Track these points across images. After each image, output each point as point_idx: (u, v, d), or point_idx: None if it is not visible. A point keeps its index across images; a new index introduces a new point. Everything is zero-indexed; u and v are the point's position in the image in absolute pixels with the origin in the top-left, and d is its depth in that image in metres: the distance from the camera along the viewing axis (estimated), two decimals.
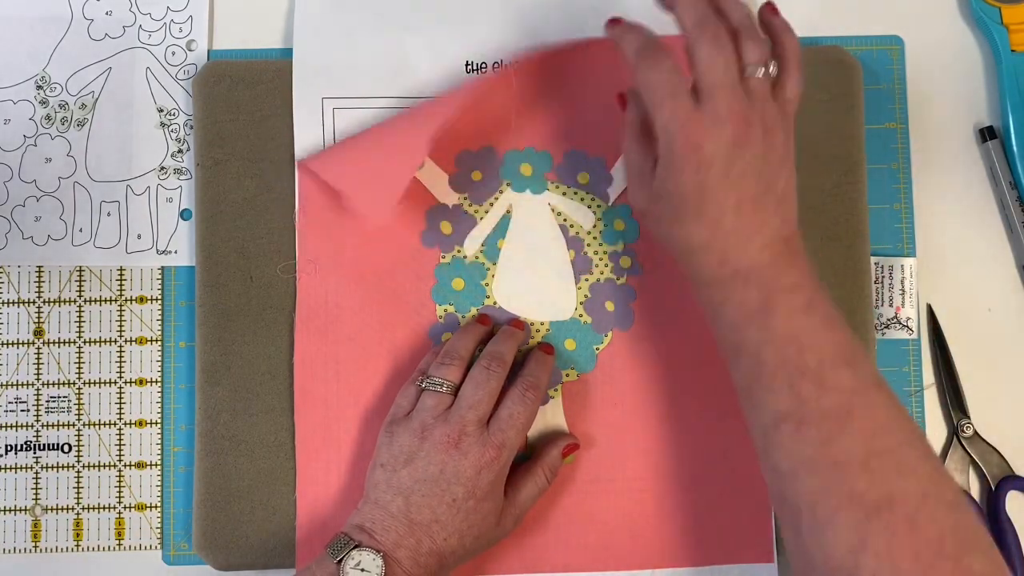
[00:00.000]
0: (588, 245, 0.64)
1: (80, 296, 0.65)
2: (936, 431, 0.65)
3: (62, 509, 0.64)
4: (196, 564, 0.63)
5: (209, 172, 0.64)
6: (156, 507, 0.64)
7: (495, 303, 0.63)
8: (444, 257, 0.63)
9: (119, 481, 0.64)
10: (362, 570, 0.53)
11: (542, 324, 0.63)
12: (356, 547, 0.54)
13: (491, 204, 0.64)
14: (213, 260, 0.63)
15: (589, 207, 0.64)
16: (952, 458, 0.64)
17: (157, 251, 0.65)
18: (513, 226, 0.64)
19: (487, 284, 0.63)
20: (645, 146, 0.54)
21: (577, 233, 0.64)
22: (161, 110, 0.65)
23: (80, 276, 0.65)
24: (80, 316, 0.65)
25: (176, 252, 0.65)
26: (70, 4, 0.66)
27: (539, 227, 0.64)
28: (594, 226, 0.64)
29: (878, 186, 0.66)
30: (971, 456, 0.64)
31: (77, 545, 0.64)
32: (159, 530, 0.64)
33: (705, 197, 0.50)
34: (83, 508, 0.64)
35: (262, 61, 0.65)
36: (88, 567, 0.63)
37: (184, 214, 0.65)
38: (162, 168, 0.65)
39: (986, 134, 0.66)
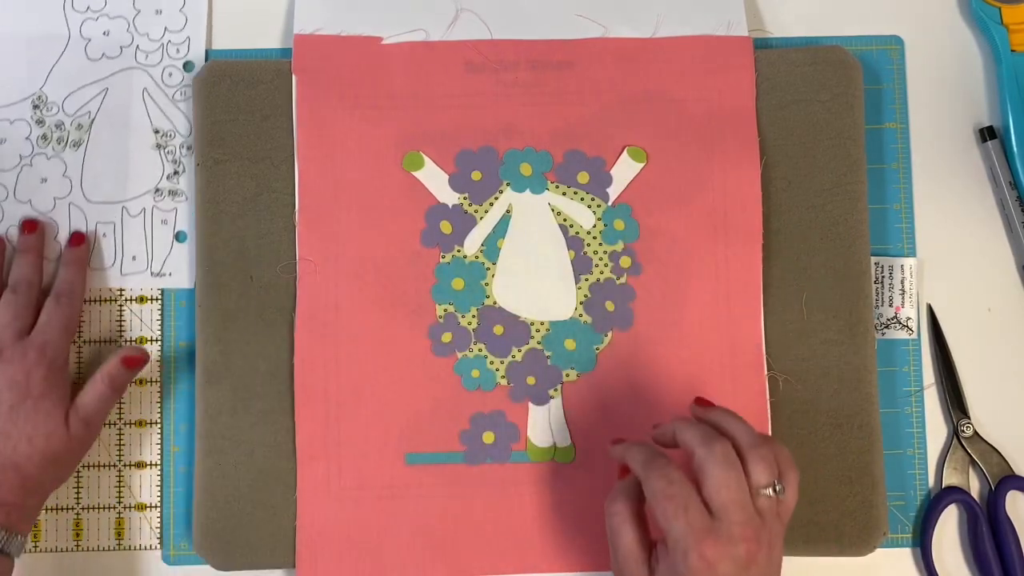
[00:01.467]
0: (588, 245, 0.64)
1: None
2: (936, 431, 0.65)
3: (62, 509, 0.64)
4: (196, 564, 0.63)
5: (209, 172, 0.64)
6: (156, 507, 0.64)
7: (495, 303, 0.63)
8: (444, 257, 0.63)
9: (119, 481, 0.64)
10: None
11: (542, 324, 0.63)
12: None
13: (491, 204, 0.64)
14: (213, 260, 0.63)
15: (589, 207, 0.64)
16: (952, 458, 0.64)
17: (152, 273, 0.65)
18: (513, 226, 0.64)
19: (487, 284, 0.63)
20: (638, 531, 0.53)
21: (577, 233, 0.64)
22: (157, 131, 0.65)
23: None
24: (80, 316, 0.65)
25: (171, 274, 0.65)
26: (67, 23, 0.66)
27: (539, 227, 0.64)
28: (594, 226, 0.64)
29: (878, 186, 0.66)
30: (971, 456, 0.64)
31: (77, 545, 0.64)
32: (159, 530, 0.64)
33: None
34: (83, 508, 0.64)
35: (262, 61, 0.65)
36: (88, 567, 0.63)
37: (179, 236, 0.65)
38: (157, 190, 0.65)
39: (986, 134, 0.66)
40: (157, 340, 0.65)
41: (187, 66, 0.66)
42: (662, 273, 0.63)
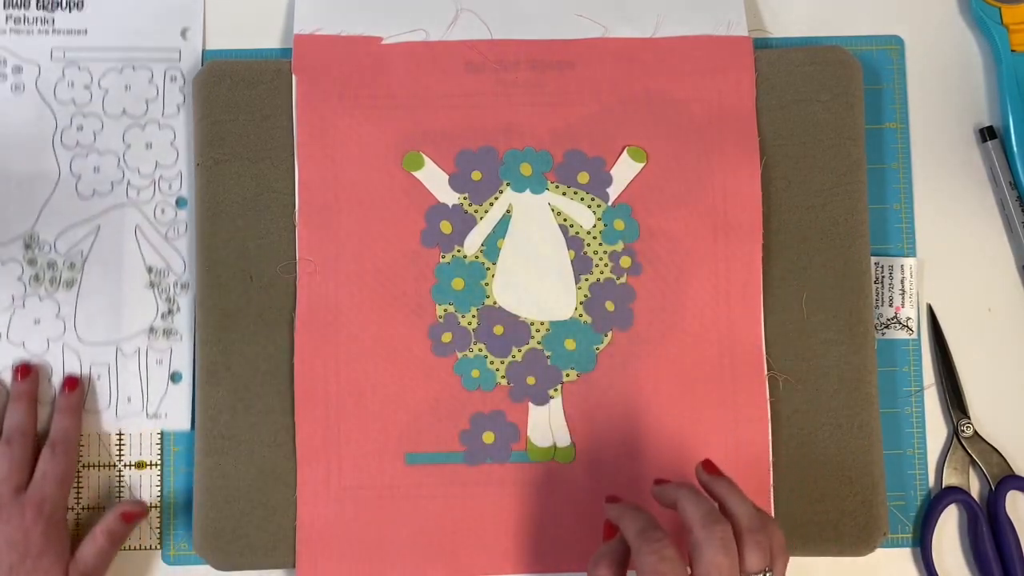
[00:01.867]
0: (588, 245, 0.64)
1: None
2: (936, 431, 0.65)
3: None
4: (196, 564, 0.63)
5: (209, 172, 0.64)
6: (156, 507, 0.64)
7: (495, 303, 0.63)
8: (444, 257, 0.63)
9: (119, 481, 0.64)
10: None
11: (542, 324, 0.63)
12: None
13: (491, 204, 0.64)
14: (213, 260, 0.63)
15: (589, 207, 0.64)
16: (952, 458, 0.64)
17: (148, 415, 0.63)
18: (513, 226, 0.64)
19: (487, 284, 0.63)
20: None
21: (577, 233, 0.64)
22: (150, 269, 0.64)
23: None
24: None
25: (167, 415, 0.63)
26: (57, 159, 0.65)
27: (539, 227, 0.64)
28: (594, 226, 0.64)
29: (878, 186, 0.66)
30: (971, 456, 0.64)
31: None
32: (159, 530, 0.64)
33: None
34: (83, 508, 0.64)
35: (262, 61, 0.65)
36: None
37: (175, 377, 0.64)
38: (151, 329, 0.64)
39: (986, 134, 0.66)
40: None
41: (179, 202, 0.64)
42: (662, 273, 0.63)
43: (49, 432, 0.62)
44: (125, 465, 0.64)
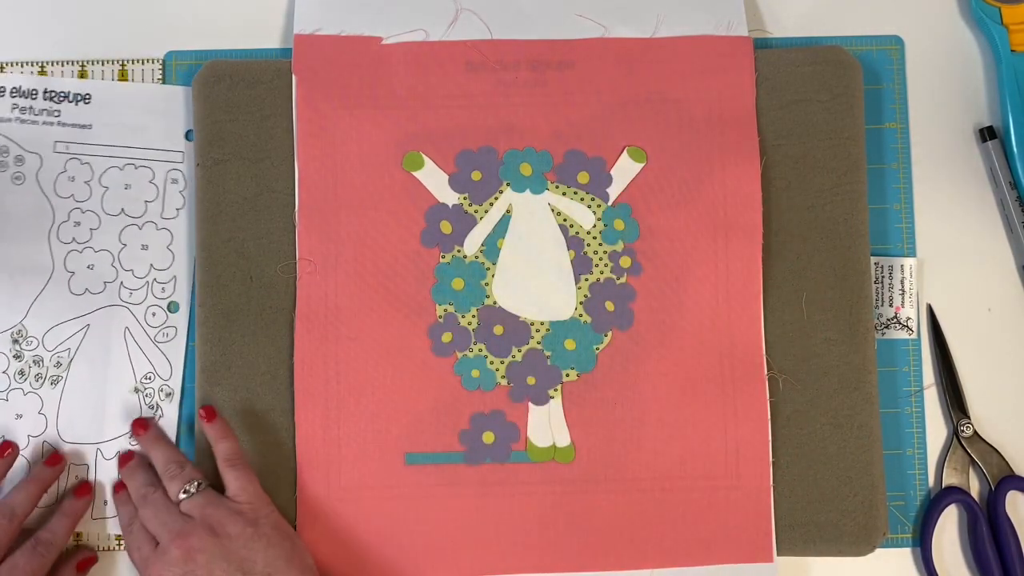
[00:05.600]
0: (588, 245, 0.64)
1: None
2: (936, 431, 0.65)
3: None
4: None
5: (209, 172, 0.64)
6: None
7: (495, 303, 0.63)
8: (444, 257, 0.63)
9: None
10: None
11: (542, 324, 0.63)
12: None
13: (491, 204, 0.64)
14: (213, 260, 0.63)
15: (589, 207, 0.64)
16: (952, 458, 0.64)
17: None
18: (513, 226, 0.64)
19: (487, 284, 0.63)
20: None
21: (577, 233, 0.64)
22: (137, 373, 0.63)
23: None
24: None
25: None
26: (52, 254, 0.64)
27: (539, 227, 0.64)
28: (594, 226, 0.64)
29: (878, 186, 0.66)
30: (971, 456, 0.64)
31: (77, 545, 0.63)
32: None
33: None
34: None
35: (262, 61, 0.65)
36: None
37: None
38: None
39: (986, 134, 0.66)
40: None
41: (171, 306, 0.64)
42: (662, 273, 0.63)
43: (40, 530, 0.60)
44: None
